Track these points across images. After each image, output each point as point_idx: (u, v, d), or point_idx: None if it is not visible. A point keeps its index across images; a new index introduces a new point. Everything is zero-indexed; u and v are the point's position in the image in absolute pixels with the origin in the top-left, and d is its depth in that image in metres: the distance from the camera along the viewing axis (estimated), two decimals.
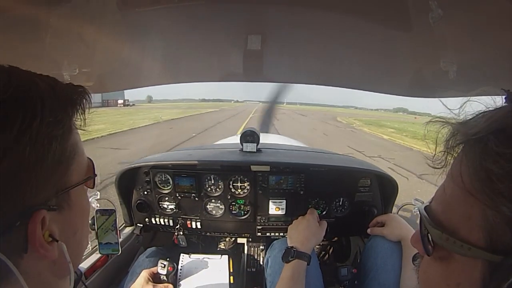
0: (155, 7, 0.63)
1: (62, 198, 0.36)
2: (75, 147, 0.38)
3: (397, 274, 0.95)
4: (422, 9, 0.53)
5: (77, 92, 0.38)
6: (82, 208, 0.41)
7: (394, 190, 1.32)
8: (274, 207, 1.33)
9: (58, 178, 0.35)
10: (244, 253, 1.44)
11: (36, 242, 0.32)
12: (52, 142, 0.32)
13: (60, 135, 0.34)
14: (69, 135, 0.36)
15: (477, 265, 0.30)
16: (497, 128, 0.29)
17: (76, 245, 0.41)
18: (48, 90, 0.34)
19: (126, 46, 0.85)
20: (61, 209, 0.36)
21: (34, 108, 0.31)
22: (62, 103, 0.35)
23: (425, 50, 0.74)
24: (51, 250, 0.34)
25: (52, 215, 0.34)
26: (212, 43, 0.88)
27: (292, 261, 0.94)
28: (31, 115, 0.30)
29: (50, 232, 0.34)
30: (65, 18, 0.61)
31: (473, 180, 0.30)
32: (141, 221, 1.39)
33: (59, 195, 0.35)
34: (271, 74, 1.20)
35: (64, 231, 0.37)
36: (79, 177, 0.40)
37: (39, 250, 0.32)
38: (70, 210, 0.37)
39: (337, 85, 1.27)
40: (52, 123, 0.32)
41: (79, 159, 0.40)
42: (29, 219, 0.31)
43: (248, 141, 1.35)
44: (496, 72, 0.71)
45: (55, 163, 0.33)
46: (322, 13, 0.66)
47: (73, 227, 0.39)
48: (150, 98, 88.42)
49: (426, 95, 1.05)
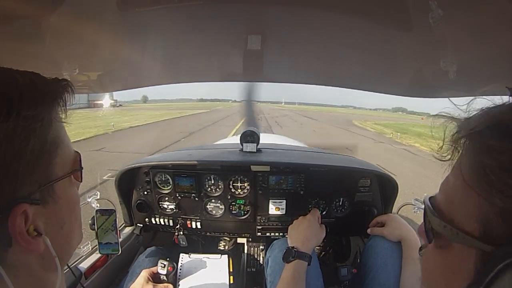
0: (155, 7, 0.63)
1: (46, 192, 0.36)
2: (57, 140, 0.37)
3: (397, 274, 0.95)
4: (422, 9, 0.53)
5: (60, 86, 0.38)
6: (68, 201, 0.41)
7: (394, 190, 1.32)
8: (274, 207, 1.33)
9: (40, 171, 0.35)
10: (244, 253, 1.44)
11: (17, 236, 0.32)
12: (30, 136, 0.32)
13: (38, 128, 0.34)
14: (49, 128, 0.36)
15: (471, 254, 0.31)
16: (492, 122, 0.30)
17: (65, 239, 0.41)
18: (28, 85, 0.34)
19: (126, 46, 0.85)
20: (45, 203, 0.36)
21: (10, 103, 0.31)
22: (42, 97, 0.35)
23: (425, 50, 0.74)
24: (34, 244, 0.34)
25: (36, 209, 0.34)
26: (212, 43, 0.88)
27: (293, 261, 0.94)
28: (7, 110, 0.31)
29: (34, 226, 0.34)
30: (65, 18, 0.61)
31: (470, 172, 0.32)
32: (141, 221, 1.39)
33: (42, 189, 0.35)
34: (271, 74, 1.20)
35: (50, 225, 0.37)
36: (64, 170, 0.39)
37: (21, 243, 0.32)
38: (55, 203, 0.37)
39: (337, 85, 1.27)
40: (29, 116, 0.32)
41: (63, 152, 0.39)
42: (9, 213, 0.31)
43: (248, 141, 1.35)
44: (496, 72, 0.71)
45: (34, 156, 0.33)
46: (322, 13, 0.66)
47: (59, 221, 0.39)
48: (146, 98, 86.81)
49: (426, 95, 1.05)
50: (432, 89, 0.98)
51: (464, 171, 0.33)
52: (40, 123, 0.34)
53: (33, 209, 0.34)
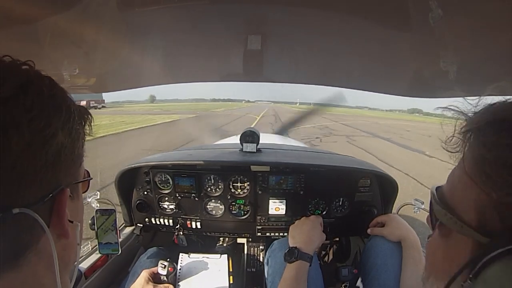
0: (155, 7, 0.63)
1: (73, 188, 0.40)
2: (83, 150, 0.43)
3: (397, 274, 0.95)
4: (422, 9, 0.53)
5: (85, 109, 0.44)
6: (81, 204, 0.45)
7: (394, 190, 1.32)
8: (274, 207, 1.33)
9: (75, 168, 0.40)
10: (244, 253, 1.44)
11: (61, 215, 0.36)
12: (79, 137, 0.39)
13: (81, 136, 0.40)
14: (84, 137, 0.42)
15: (468, 243, 0.33)
16: (492, 118, 0.32)
17: (75, 237, 0.42)
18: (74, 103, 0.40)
19: (126, 46, 0.85)
20: (72, 198, 0.40)
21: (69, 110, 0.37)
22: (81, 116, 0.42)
23: (425, 50, 0.74)
24: (68, 229, 0.38)
25: (69, 201, 0.39)
26: (211, 43, 0.88)
27: (295, 261, 0.94)
28: (68, 114, 0.37)
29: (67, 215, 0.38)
30: (65, 18, 0.62)
31: (471, 164, 0.34)
32: (141, 221, 1.39)
33: (73, 184, 0.40)
34: (271, 74, 1.20)
35: (72, 219, 0.40)
36: (83, 175, 0.44)
37: (59, 225, 0.36)
38: (76, 201, 0.42)
39: (337, 85, 1.27)
40: (77, 124, 0.39)
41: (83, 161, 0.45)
42: (59, 193, 0.36)
43: (248, 141, 1.35)
44: (496, 72, 0.71)
45: (77, 154, 0.39)
46: (322, 13, 0.66)
47: (74, 218, 0.41)
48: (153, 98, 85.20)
49: (426, 95, 1.05)
50: (432, 89, 0.98)
51: (466, 163, 0.35)
52: (82, 132, 0.41)
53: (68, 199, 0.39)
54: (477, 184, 0.32)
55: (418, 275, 0.90)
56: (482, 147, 0.32)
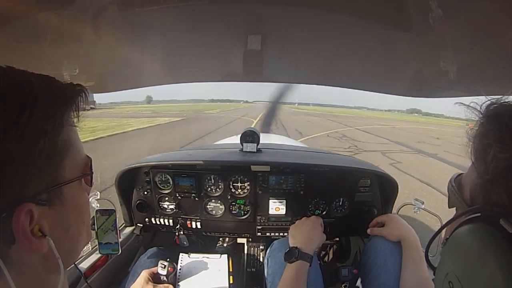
0: (155, 7, 0.64)
1: (53, 194, 0.36)
2: (67, 143, 0.38)
3: (397, 274, 0.94)
4: (422, 9, 0.54)
5: (74, 91, 0.39)
6: (76, 205, 0.41)
7: (394, 190, 1.32)
8: (274, 207, 1.33)
9: (49, 173, 0.35)
10: (244, 253, 1.44)
11: (20, 235, 0.32)
12: (40, 137, 0.33)
13: (49, 130, 0.34)
14: (60, 131, 0.36)
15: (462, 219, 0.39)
16: (492, 113, 0.38)
17: (70, 242, 0.41)
18: (42, 87, 0.34)
19: (126, 46, 0.85)
20: (52, 204, 0.36)
21: (24, 105, 0.32)
22: (55, 100, 0.36)
23: (425, 50, 0.74)
24: (37, 244, 0.34)
25: (42, 210, 0.34)
26: (211, 43, 0.88)
27: (295, 261, 0.94)
28: (19, 110, 0.31)
29: (40, 227, 0.35)
30: (65, 18, 0.62)
31: (474, 151, 0.40)
32: (141, 221, 1.39)
33: (50, 190, 0.35)
34: (271, 74, 1.20)
35: (56, 226, 0.37)
36: (74, 173, 0.40)
37: (24, 242, 0.33)
38: (62, 206, 0.37)
39: (337, 85, 1.27)
40: (41, 118, 0.33)
41: (74, 155, 0.39)
42: (14, 211, 0.32)
43: (248, 141, 1.35)
44: (496, 72, 0.71)
45: (43, 157, 0.33)
46: (322, 13, 0.66)
47: (65, 223, 0.39)
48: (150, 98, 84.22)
49: (426, 95, 1.05)
50: (432, 89, 0.98)
51: (472, 150, 0.40)
52: (52, 126, 0.34)
53: (39, 210, 0.34)
54: (475, 169, 0.38)
55: (418, 275, 0.90)
56: (482, 135, 0.38)
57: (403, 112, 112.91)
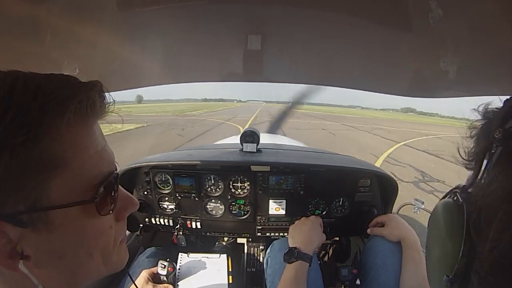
0: (155, 7, 0.63)
1: (36, 217, 0.31)
2: (52, 160, 0.31)
3: (396, 274, 0.95)
4: (422, 9, 0.53)
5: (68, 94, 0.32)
6: (71, 233, 0.34)
7: (394, 190, 1.32)
8: (274, 207, 1.33)
9: (27, 192, 0.30)
10: (244, 253, 1.44)
11: None
12: (4, 151, 0.28)
13: (19, 144, 0.28)
14: (37, 144, 0.30)
15: None
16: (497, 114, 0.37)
17: (65, 271, 0.35)
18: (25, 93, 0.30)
19: (126, 46, 0.85)
20: (35, 228, 0.31)
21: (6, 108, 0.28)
22: (35, 106, 0.30)
23: (425, 50, 0.74)
24: (9, 263, 0.31)
25: (23, 232, 0.31)
26: (211, 43, 0.88)
27: (294, 262, 0.94)
28: None
29: (21, 248, 0.31)
30: (65, 18, 0.62)
31: None
32: (141, 221, 1.39)
33: (31, 212, 0.30)
34: (271, 74, 1.20)
35: (43, 252, 0.33)
36: (67, 198, 0.33)
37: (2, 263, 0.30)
38: (49, 232, 0.32)
39: (337, 85, 1.27)
40: (10, 129, 0.28)
41: (67, 176, 0.32)
42: None
43: (248, 141, 1.35)
44: (496, 72, 0.71)
45: (12, 174, 0.28)
46: (322, 13, 0.66)
47: (56, 251, 0.34)
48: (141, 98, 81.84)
49: (426, 95, 1.05)
50: (432, 89, 0.98)
51: None
52: (24, 138, 0.29)
53: (18, 230, 0.31)
54: None
55: (418, 275, 0.90)
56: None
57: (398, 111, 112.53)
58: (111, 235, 0.39)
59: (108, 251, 0.39)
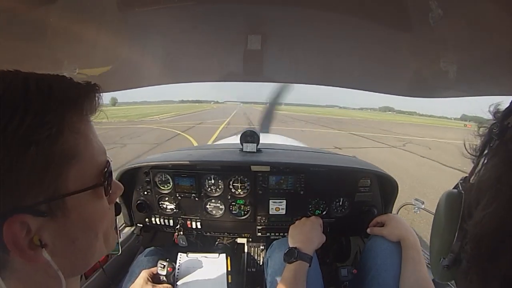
0: (155, 7, 0.63)
1: (55, 205, 0.34)
2: (69, 152, 0.35)
3: (396, 274, 0.95)
4: (422, 9, 0.53)
5: (79, 93, 0.37)
6: (84, 217, 0.38)
7: (394, 190, 1.32)
8: (274, 207, 1.33)
9: (47, 184, 0.33)
10: (244, 253, 1.44)
11: (11, 246, 0.31)
12: (31, 146, 0.31)
13: (43, 139, 0.31)
14: (58, 139, 0.33)
15: None
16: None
17: (77, 254, 0.39)
18: (40, 91, 0.33)
19: (125, 46, 0.85)
20: (54, 216, 0.34)
21: (14, 111, 0.30)
22: (51, 105, 0.33)
23: (425, 50, 0.74)
24: (31, 255, 0.33)
25: (42, 221, 0.33)
26: (211, 43, 0.88)
27: (294, 262, 0.94)
28: (9, 118, 0.30)
29: (39, 237, 0.33)
30: (66, 18, 0.62)
31: None
32: (141, 221, 1.39)
33: (51, 201, 0.33)
34: (271, 74, 1.20)
35: (60, 238, 0.36)
36: (81, 184, 0.37)
37: (16, 253, 0.32)
38: (66, 217, 0.35)
39: (337, 85, 1.27)
40: (34, 125, 0.31)
41: (80, 165, 0.36)
42: (4, 222, 0.31)
43: (248, 141, 1.35)
44: (496, 72, 0.71)
45: (37, 167, 0.31)
46: (322, 13, 0.66)
47: (71, 235, 0.37)
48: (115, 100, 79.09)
49: (426, 95, 1.05)
50: (432, 89, 0.98)
51: None
52: (47, 133, 0.32)
53: (38, 221, 0.33)
54: None
55: (417, 276, 0.90)
56: None
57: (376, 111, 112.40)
58: (110, 216, 0.45)
59: (108, 232, 0.44)
